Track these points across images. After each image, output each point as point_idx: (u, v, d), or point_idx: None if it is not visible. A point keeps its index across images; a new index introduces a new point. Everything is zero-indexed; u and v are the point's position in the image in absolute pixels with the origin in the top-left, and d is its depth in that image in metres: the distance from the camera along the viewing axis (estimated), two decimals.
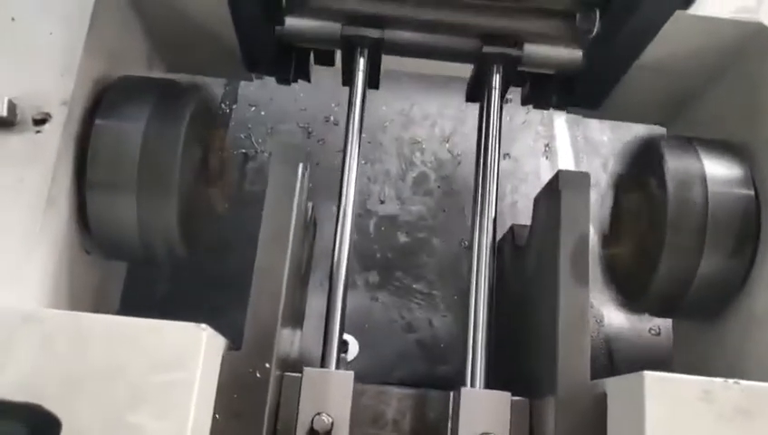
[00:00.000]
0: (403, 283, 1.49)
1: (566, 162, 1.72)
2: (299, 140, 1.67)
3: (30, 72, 0.90)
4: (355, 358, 1.38)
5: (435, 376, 1.36)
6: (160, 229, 0.96)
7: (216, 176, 1.09)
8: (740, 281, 0.98)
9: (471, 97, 1.19)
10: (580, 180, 0.89)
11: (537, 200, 0.99)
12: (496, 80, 1.07)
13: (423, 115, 1.80)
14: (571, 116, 1.78)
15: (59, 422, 0.66)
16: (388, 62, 2.24)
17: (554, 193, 0.90)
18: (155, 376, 0.69)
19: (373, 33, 1.06)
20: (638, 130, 1.34)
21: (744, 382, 0.73)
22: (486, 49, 1.05)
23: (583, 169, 1.65)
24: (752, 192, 0.96)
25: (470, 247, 1.00)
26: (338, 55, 1.18)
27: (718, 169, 0.97)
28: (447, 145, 1.75)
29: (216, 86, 1.72)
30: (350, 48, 1.07)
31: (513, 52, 1.05)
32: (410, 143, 1.75)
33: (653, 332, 1.42)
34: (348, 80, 1.10)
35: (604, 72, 1.06)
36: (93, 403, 0.67)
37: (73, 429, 0.66)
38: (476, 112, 1.75)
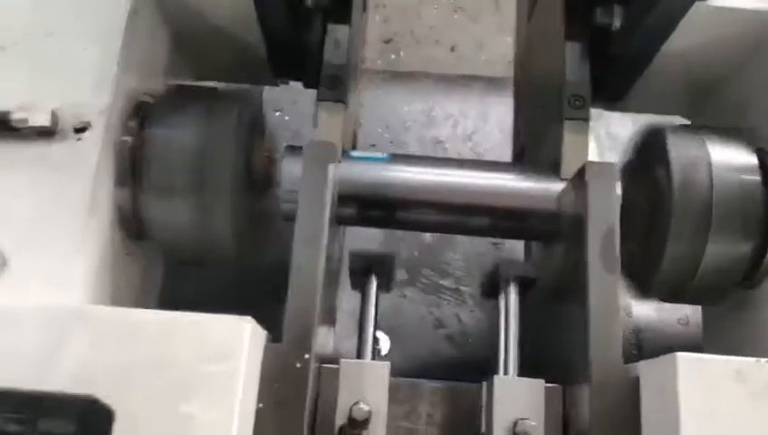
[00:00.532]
0: (431, 280, 1.51)
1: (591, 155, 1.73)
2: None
3: (69, 84, 0.93)
4: (387, 354, 1.40)
5: (465, 369, 1.38)
6: (214, 231, 0.99)
7: (264, 179, 1.11)
8: (748, 267, 0.98)
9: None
10: (607, 171, 0.91)
11: (563, 193, 1.01)
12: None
13: (445, 115, 1.83)
14: (593, 111, 1.81)
15: (112, 413, 0.69)
16: (407, 64, 2.26)
17: (582, 184, 0.92)
18: (202, 367, 0.72)
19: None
20: (659, 123, 1.36)
21: None
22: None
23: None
24: (758, 178, 0.97)
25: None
26: None
27: (723, 155, 0.98)
28: (470, 144, 1.78)
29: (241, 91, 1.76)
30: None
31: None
32: (433, 143, 1.77)
33: (681, 322, 1.43)
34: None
35: (627, 65, 1.07)
36: (144, 394, 0.70)
37: (126, 418, 0.69)
38: (497, 110, 1.78)
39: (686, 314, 1.41)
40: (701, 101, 1.23)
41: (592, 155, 1.74)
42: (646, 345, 1.42)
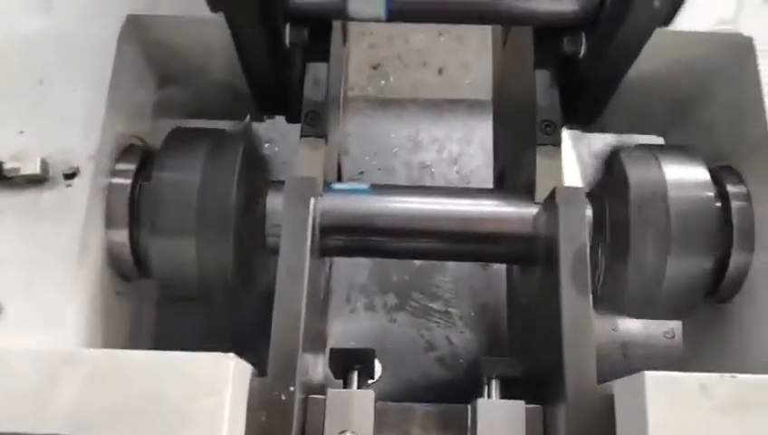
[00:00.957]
0: (421, 303, 1.54)
1: (573, 176, 1.77)
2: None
3: (59, 130, 0.97)
4: (379, 378, 1.43)
5: (457, 390, 1.40)
6: (218, 269, 1.03)
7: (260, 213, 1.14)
8: (712, 281, 1.02)
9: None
10: (576, 195, 0.94)
11: (537, 216, 1.04)
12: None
13: (431, 139, 1.87)
14: (575, 132, 1.85)
15: None
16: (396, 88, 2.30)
17: (552, 208, 0.95)
18: (190, 404, 0.74)
19: None
20: (638, 141, 1.40)
21: (739, 376, 0.77)
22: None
23: (590, 180, 1.71)
24: (712, 193, 1.01)
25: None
26: None
27: (678, 174, 1.02)
28: (456, 167, 1.81)
29: (232, 127, 1.80)
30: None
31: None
32: (420, 168, 1.81)
33: (667, 335, 1.45)
34: None
35: (595, 90, 1.11)
36: (136, 433, 0.73)
37: None
38: (482, 133, 1.81)
39: (672, 328, 1.44)
40: (674, 120, 1.27)
41: (575, 174, 1.79)
42: (633, 360, 1.45)
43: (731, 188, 1.03)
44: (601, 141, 1.79)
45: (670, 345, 1.43)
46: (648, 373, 0.77)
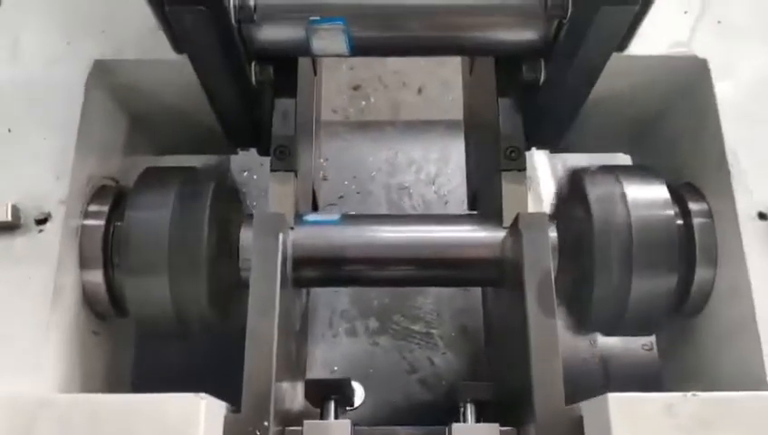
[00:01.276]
0: (402, 326, 1.55)
1: (548, 192, 1.79)
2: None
3: (29, 177, 0.99)
4: (362, 403, 1.44)
5: (440, 411, 1.41)
6: (193, 305, 1.04)
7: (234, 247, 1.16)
8: (677, 296, 1.03)
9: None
10: (539, 220, 0.96)
11: (504, 241, 1.06)
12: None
13: (408, 161, 1.89)
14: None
15: None
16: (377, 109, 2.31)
17: (517, 233, 0.97)
18: None
19: None
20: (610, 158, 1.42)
21: (701, 394, 0.79)
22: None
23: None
24: (672, 211, 1.03)
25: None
26: None
27: (638, 192, 1.04)
28: (434, 187, 1.83)
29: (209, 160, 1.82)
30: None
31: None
32: (398, 189, 1.83)
33: (645, 347, 1.47)
34: None
35: (557, 115, 1.13)
36: None
37: None
38: (459, 153, 1.83)
39: (650, 341, 1.45)
40: (639, 139, 1.30)
41: (550, 189, 1.81)
42: (613, 374, 1.46)
43: (692, 206, 1.05)
44: (577, 157, 1.82)
45: (649, 358, 1.45)
46: (612, 395, 0.78)
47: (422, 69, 2.64)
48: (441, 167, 1.87)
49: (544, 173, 1.83)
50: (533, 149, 1.81)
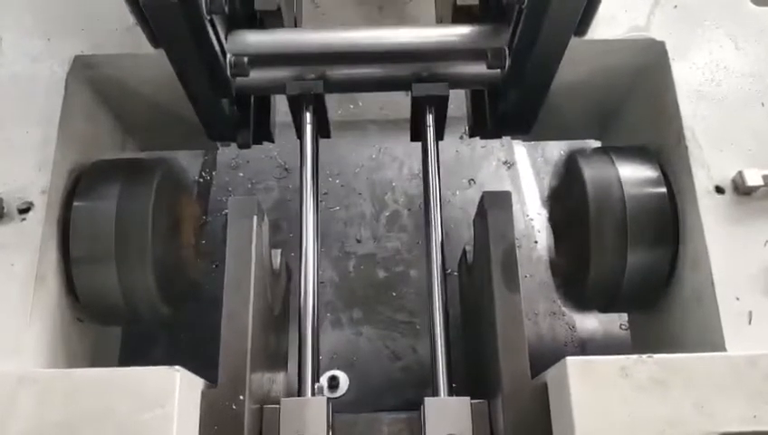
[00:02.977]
0: (386, 315, 1.58)
1: (528, 183, 1.83)
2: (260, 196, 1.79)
3: (12, 168, 1.02)
4: (347, 391, 1.47)
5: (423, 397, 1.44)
6: (141, 293, 1.07)
7: (189, 238, 1.21)
8: (667, 270, 1.07)
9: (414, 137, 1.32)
10: (503, 199, 1.00)
11: (474, 221, 1.09)
12: (430, 119, 1.19)
13: (391, 158, 1.92)
14: (530, 142, 1.91)
15: None
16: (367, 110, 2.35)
17: (483, 213, 1.00)
18: (139, 415, 0.79)
19: (316, 87, 1.18)
20: (582, 145, 1.46)
21: (655, 356, 0.82)
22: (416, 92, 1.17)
23: (545, 187, 1.77)
24: (664, 189, 1.06)
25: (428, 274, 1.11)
26: None
27: (632, 172, 1.07)
28: (416, 181, 1.87)
29: (196, 156, 1.86)
30: (297, 104, 1.20)
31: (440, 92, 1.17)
32: (381, 185, 1.86)
33: (624, 327, 1.50)
34: (299, 133, 1.22)
35: (524, 101, 1.17)
36: None
37: None
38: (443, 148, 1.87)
39: (627, 321, 1.48)
40: (607, 124, 1.34)
41: (530, 180, 1.84)
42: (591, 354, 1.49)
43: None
44: (556, 148, 1.86)
45: (626, 336, 1.47)
46: (570, 359, 0.82)
47: None
48: None
49: (524, 165, 1.87)
50: (511, 140, 1.87)
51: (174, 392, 0.80)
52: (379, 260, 1.69)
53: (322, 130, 1.27)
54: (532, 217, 1.76)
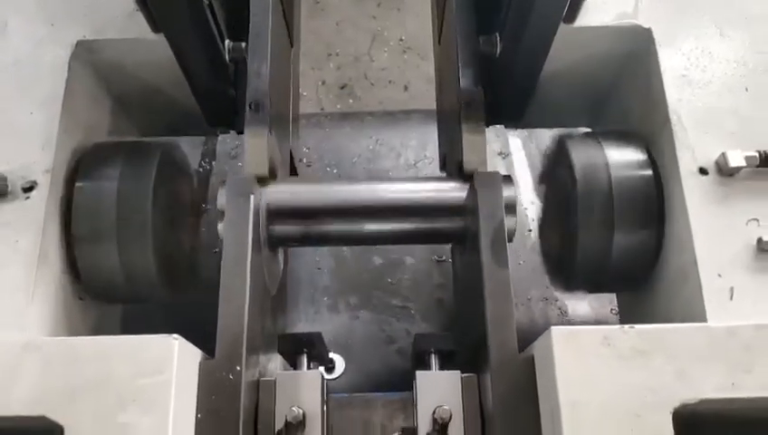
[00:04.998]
0: (381, 300, 1.62)
1: (523, 172, 1.86)
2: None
3: (16, 148, 1.05)
4: (343, 373, 1.50)
5: None
6: (142, 272, 1.10)
7: (189, 219, 1.24)
8: (654, 251, 1.10)
9: None
10: (492, 179, 1.03)
11: (466, 202, 1.12)
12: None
13: (388, 148, 1.96)
14: (524, 132, 1.94)
15: (62, 428, 0.79)
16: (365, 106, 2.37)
17: (473, 192, 1.03)
18: (138, 381, 0.82)
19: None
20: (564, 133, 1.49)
21: (638, 326, 0.85)
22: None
23: (537, 175, 1.80)
24: (650, 172, 1.09)
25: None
26: None
27: (619, 155, 1.10)
28: (413, 171, 1.90)
29: (195, 146, 1.89)
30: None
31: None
32: (379, 173, 1.89)
33: (614, 311, 1.53)
34: None
35: (516, 88, 1.20)
36: (89, 409, 0.80)
37: (74, 432, 0.79)
38: (435, 138, 1.91)
39: (618, 305, 1.51)
40: (597, 111, 1.37)
41: (525, 169, 1.87)
42: None
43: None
44: (550, 139, 1.89)
45: (617, 319, 1.50)
46: (555, 328, 0.85)
47: (408, 66, 2.70)
48: (419, 152, 1.94)
49: (519, 155, 1.90)
50: (506, 129, 1.89)
51: (173, 360, 0.83)
52: (376, 247, 1.72)
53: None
54: (526, 207, 1.79)
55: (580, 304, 1.58)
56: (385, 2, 2.78)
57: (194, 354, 0.90)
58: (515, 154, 1.91)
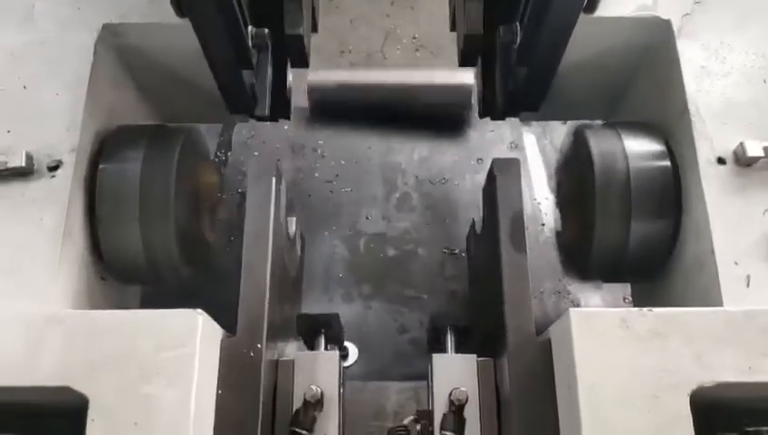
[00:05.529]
0: (394, 290, 1.63)
1: (536, 166, 1.87)
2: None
3: (43, 128, 1.07)
4: (356, 361, 1.51)
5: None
6: (163, 252, 1.12)
7: (208, 204, 1.26)
8: (671, 240, 1.10)
9: None
10: (511, 165, 1.04)
11: (484, 190, 1.13)
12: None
13: (402, 143, 1.97)
14: (538, 128, 1.95)
15: (86, 399, 0.81)
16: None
17: (492, 179, 1.04)
18: (162, 354, 0.83)
19: None
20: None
21: (656, 309, 0.86)
22: None
23: (552, 171, 1.81)
24: (668, 163, 1.10)
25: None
26: None
27: (637, 146, 1.11)
28: (427, 164, 1.91)
29: (212, 136, 1.90)
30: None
31: None
32: (393, 168, 1.91)
33: (627, 300, 1.54)
34: None
35: (535, 78, 1.20)
36: (113, 381, 0.82)
37: (99, 403, 0.80)
38: (449, 136, 1.92)
39: (629, 293, 1.51)
40: (614, 104, 1.37)
41: (539, 164, 1.88)
42: None
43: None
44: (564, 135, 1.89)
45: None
46: (573, 310, 0.85)
47: (420, 63, 2.71)
48: (433, 148, 1.95)
49: (533, 152, 1.91)
50: (521, 125, 1.90)
51: (196, 333, 0.84)
52: (389, 239, 1.73)
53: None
54: (540, 201, 1.80)
55: (592, 297, 1.59)
56: (399, 0, 2.79)
57: (216, 331, 0.92)
58: (529, 149, 1.92)
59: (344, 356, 1.51)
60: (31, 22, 1.15)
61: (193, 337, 0.84)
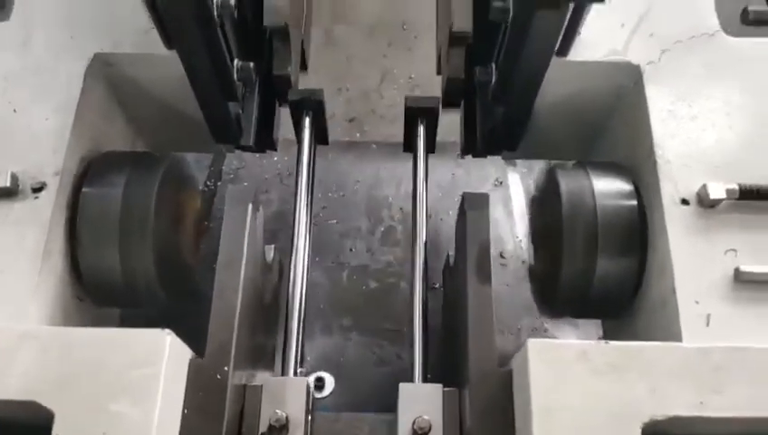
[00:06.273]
0: (374, 323, 1.64)
1: (520, 204, 1.90)
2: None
3: (29, 150, 1.11)
4: (332, 392, 1.52)
5: None
6: (141, 276, 1.14)
7: (191, 230, 1.28)
8: (636, 278, 1.13)
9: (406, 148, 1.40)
10: (480, 200, 1.07)
11: (456, 224, 1.16)
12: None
13: (390, 177, 2.01)
14: (522, 168, 1.99)
15: (52, 414, 0.82)
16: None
17: (462, 213, 1.08)
18: (129, 372, 0.85)
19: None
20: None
21: (613, 343, 0.88)
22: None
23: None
24: (635, 202, 1.13)
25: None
26: None
27: (605, 185, 1.14)
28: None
29: (201, 168, 1.94)
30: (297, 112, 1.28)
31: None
32: (378, 202, 1.94)
33: (601, 338, 1.55)
34: (299, 139, 1.30)
35: (512, 118, 1.24)
36: (79, 397, 0.84)
37: (64, 418, 0.82)
38: (436, 171, 1.95)
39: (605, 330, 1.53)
40: (591, 145, 1.41)
41: (521, 203, 1.91)
42: None
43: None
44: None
45: None
46: (532, 341, 0.88)
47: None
48: None
49: (517, 190, 1.94)
50: (505, 165, 1.94)
51: (163, 353, 0.86)
52: (372, 272, 1.75)
53: (321, 136, 1.35)
54: (521, 239, 1.83)
55: (569, 335, 1.60)
56: (396, 42, 2.86)
57: (184, 352, 0.94)
58: (513, 187, 1.95)
59: (320, 387, 1.52)
60: (28, 48, 1.19)
61: (160, 357, 0.86)
